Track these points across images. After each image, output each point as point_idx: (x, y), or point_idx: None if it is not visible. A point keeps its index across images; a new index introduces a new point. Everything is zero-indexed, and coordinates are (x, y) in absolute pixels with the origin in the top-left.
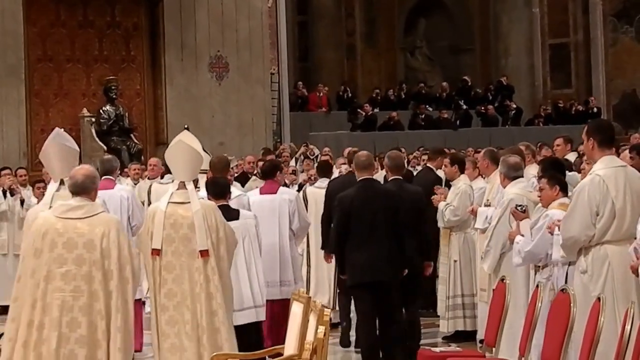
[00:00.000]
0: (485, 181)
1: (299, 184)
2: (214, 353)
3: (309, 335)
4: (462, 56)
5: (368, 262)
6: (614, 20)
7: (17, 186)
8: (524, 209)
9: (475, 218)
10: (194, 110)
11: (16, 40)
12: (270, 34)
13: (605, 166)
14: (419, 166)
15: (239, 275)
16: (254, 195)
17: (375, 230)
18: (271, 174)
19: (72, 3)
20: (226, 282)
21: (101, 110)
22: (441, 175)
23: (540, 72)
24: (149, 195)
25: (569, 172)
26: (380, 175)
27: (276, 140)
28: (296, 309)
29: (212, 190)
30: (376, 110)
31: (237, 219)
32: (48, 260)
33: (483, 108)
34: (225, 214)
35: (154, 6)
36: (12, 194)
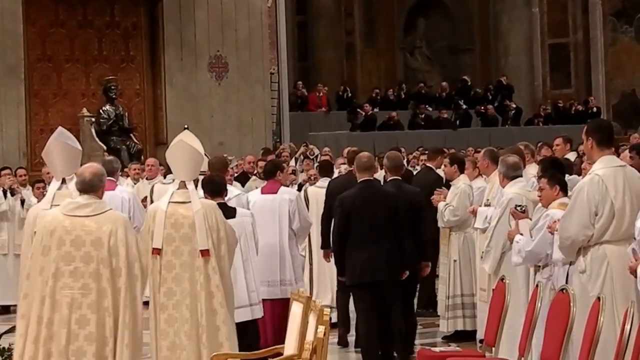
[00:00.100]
0: (485, 181)
1: (299, 184)
2: (214, 352)
3: (309, 335)
4: (462, 56)
5: (368, 262)
6: (614, 20)
7: (18, 186)
8: (523, 209)
9: (475, 218)
10: (194, 110)
11: (15, 40)
12: (269, 33)
13: (604, 166)
14: (418, 166)
15: (235, 274)
16: (255, 195)
17: (375, 231)
18: (272, 173)
19: (72, 3)
20: (227, 281)
21: (101, 110)
22: (441, 174)
23: (540, 72)
24: (151, 195)
25: (570, 176)
26: (380, 175)
27: (276, 140)
28: (296, 309)
29: (208, 188)
30: (376, 110)
31: (233, 217)
32: (56, 257)
33: (483, 108)
34: (222, 212)
35: (153, 6)
36: (12, 194)
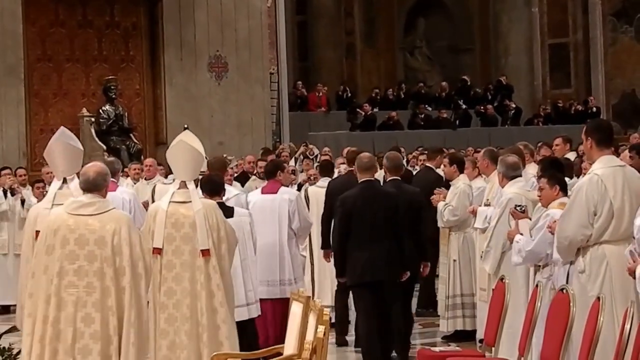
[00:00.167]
0: (485, 181)
1: (298, 184)
2: (214, 351)
3: (309, 335)
4: (462, 56)
5: (369, 262)
6: (614, 20)
7: (18, 186)
8: (523, 209)
9: (475, 218)
10: (194, 109)
11: (15, 40)
12: (269, 33)
13: (603, 166)
14: (417, 166)
15: (233, 273)
16: (255, 195)
17: (375, 230)
18: (273, 174)
19: (71, 3)
20: (227, 281)
21: (100, 110)
22: (441, 174)
23: (540, 72)
24: (152, 195)
25: (570, 180)
26: (380, 176)
27: (275, 140)
28: (296, 309)
29: (207, 188)
30: (375, 110)
31: (231, 217)
32: (60, 256)
33: (482, 108)
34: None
35: (153, 6)
36: (12, 194)
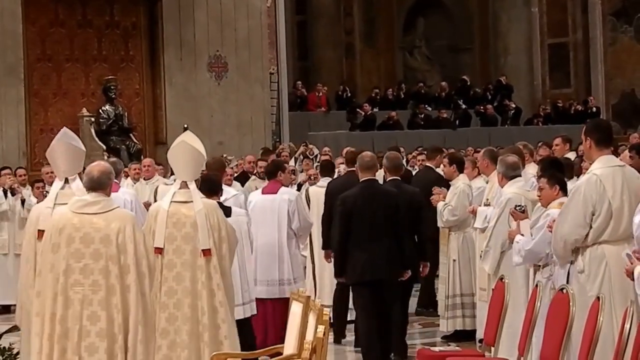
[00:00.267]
0: (485, 181)
1: (298, 184)
2: (215, 349)
3: (309, 335)
4: (461, 55)
5: (369, 261)
6: (613, 20)
7: (18, 186)
8: (523, 209)
9: (475, 218)
10: (193, 109)
11: (15, 40)
12: (269, 33)
13: (602, 165)
14: (416, 166)
15: (232, 272)
16: (255, 195)
17: (375, 230)
18: (274, 174)
19: (71, 2)
20: (228, 280)
21: (100, 110)
22: (442, 173)
23: (540, 72)
24: (155, 195)
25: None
26: (379, 176)
27: (275, 140)
28: (295, 309)
29: (205, 187)
30: (375, 109)
31: (229, 217)
32: (66, 254)
33: (482, 107)
34: None
35: (152, 6)
36: (13, 194)
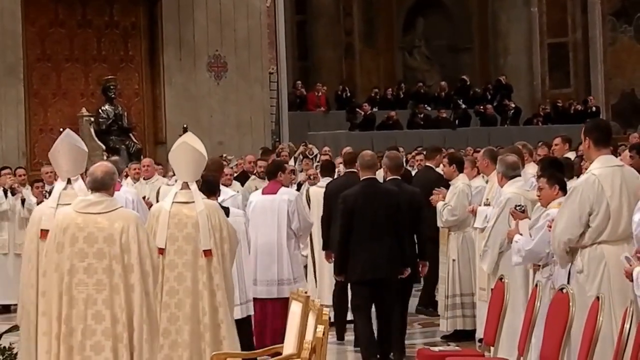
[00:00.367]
0: (485, 180)
1: (298, 183)
2: (215, 349)
3: (308, 335)
4: (461, 55)
5: (370, 260)
6: (613, 20)
7: (18, 186)
8: (523, 209)
9: (475, 217)
10: (193, 109)
11: (15, 40)
12: (268, 33)
13: (601, 165)
14: (415, 167)
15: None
16: (256, 196)
17: (376, 228)
18: (274, 174)
19: (71, 3)
20: (228, 281)
21: (100, 110)
22: (441, 173)
23: (539, 72)
24: (157, 196)
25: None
26: (378, 176)
27: (275, 140)
28: (295, 308)
29: (203, 187)
30: (375, 109)
31: (227, 217)
32: (70, 254)
33: (482, 107)
34: None
35: (152, 5)
36: (13, 194)
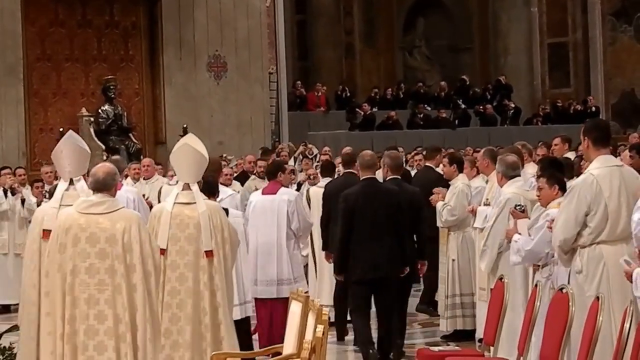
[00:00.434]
0: (485, 180)
1: (298, 183)
2: (215, 349)
3: (308, 334)
4: (461, 55)
5: (370, 259)
6: (613, 20)
7: (18, 185)
8: (523, 209)
9: (475, 217)
10: (193, 109)
11: (15, 40)
12: (268, 33)
13: (600, 165)
14: (415, 167)
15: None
16: (256, 196)
17: (376, 228)
18: (274, 174)
19: (71, 2)
20: (229, 281)
21: (100, 110)
22: (441, 173)
23: (539, 71)
24: (159, 196)
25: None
26: (378, 176)
27: (275, 140)
28: (295, 308)
29: (203, 188)
30: (375, 109)
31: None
32: (73, 254)
33: (481, 107)
34: None
35: (152, 5)
36: (13, 194)
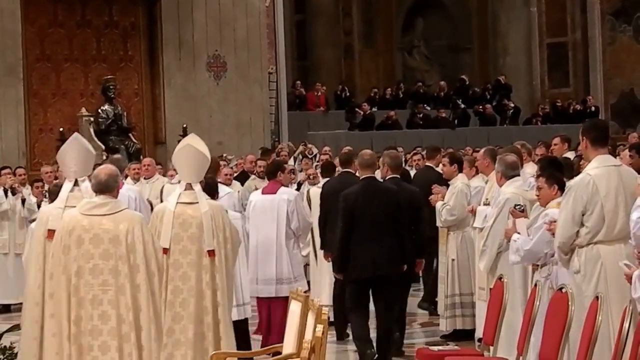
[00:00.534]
0: (485, 180)
1: (297, 183)
2: (214, 348)
3: (308, 334)
4: (460, 55)
5: (370, 258)
6: (612, 19)
7: (18, 185)
8: (522, 209)
9: (474, 217)
10: (192, 109)
11: (14, 40)
12: (268, 33)
13: (598, 165)
14: (414, 167)
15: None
16: (256, 195)
17: (376, 227)
18: (274, 174)
19: (70, 3)
20: (230, 280)
21: (99, 110)
22: (441, 172)
23: (538, 71)
24: (161, 194)
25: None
26: (377, 176)
27: (274, 140)
28: (294, 308)
29: (204, 189)
30: (374, 109)
31: None
32: (77, 256)
33: (481, 107)
34: None
35: (151, 5)
36: (13, 194)
